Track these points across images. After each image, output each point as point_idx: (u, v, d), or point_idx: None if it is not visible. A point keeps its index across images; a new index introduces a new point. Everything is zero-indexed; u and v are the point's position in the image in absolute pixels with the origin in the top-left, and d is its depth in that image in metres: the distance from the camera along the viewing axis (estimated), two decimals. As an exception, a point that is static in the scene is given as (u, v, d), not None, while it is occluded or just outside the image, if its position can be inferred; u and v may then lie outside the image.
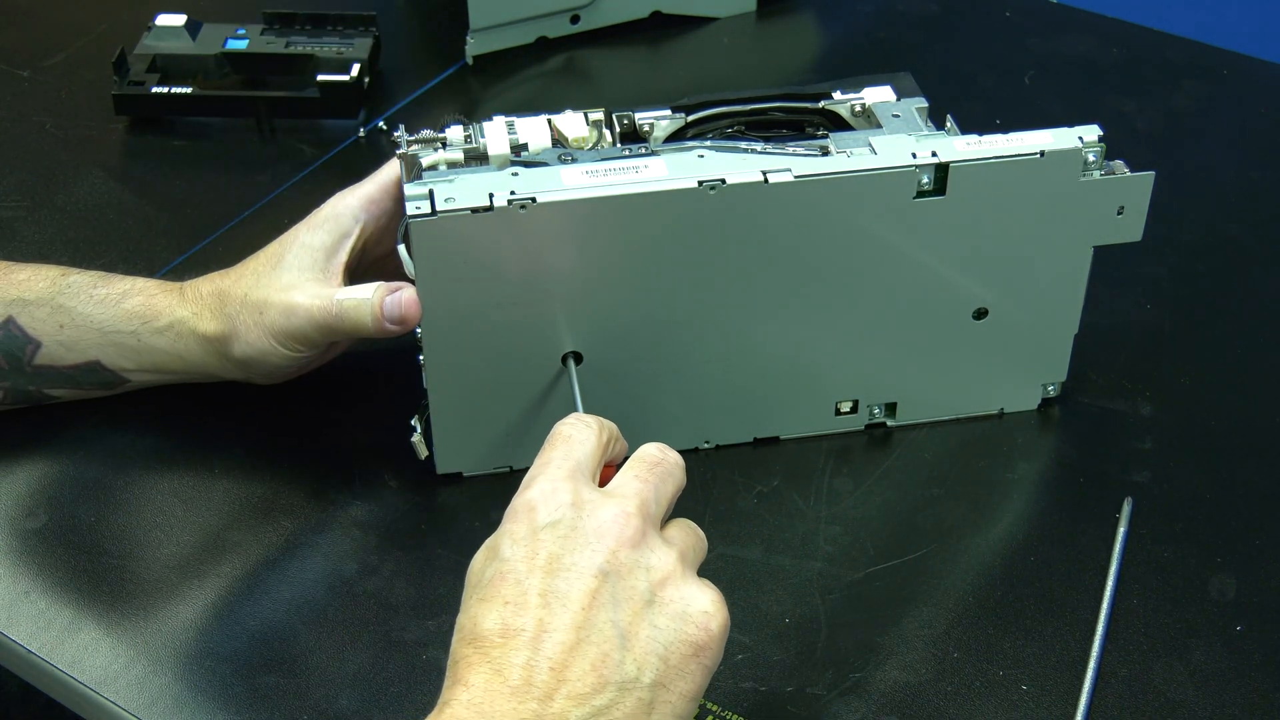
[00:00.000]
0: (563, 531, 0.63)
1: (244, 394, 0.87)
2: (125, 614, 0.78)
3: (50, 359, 0.84)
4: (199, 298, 0.83)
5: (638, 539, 0.64)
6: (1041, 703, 0.73)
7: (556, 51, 1.19)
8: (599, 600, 0.62)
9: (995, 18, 1.22)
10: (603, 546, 0.63)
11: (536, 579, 0.62)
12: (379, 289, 0.78)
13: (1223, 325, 0.94)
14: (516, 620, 0.61)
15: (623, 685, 0.61)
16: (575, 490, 0.65)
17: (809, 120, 0.87)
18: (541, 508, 0.64)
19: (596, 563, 0.62)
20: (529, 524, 0.64)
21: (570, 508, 0.64)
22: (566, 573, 0.62)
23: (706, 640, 0.63)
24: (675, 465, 0.68)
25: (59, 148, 1.10)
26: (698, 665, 0.63)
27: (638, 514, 0.64)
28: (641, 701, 0.61)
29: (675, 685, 0.62)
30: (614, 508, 0.64)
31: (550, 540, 0.63)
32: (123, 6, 1.24)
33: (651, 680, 0.61)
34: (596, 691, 0.60)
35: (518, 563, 0.63)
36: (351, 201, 0.82)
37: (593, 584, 0.62)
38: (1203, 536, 0.81)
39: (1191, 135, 1.10)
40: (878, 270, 0.81)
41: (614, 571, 0.63)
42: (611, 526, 0.63)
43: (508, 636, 0.61)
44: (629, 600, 0.62)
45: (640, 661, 0.61)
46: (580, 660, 0.60)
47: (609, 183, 0.76)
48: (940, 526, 0.82)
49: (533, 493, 0.65)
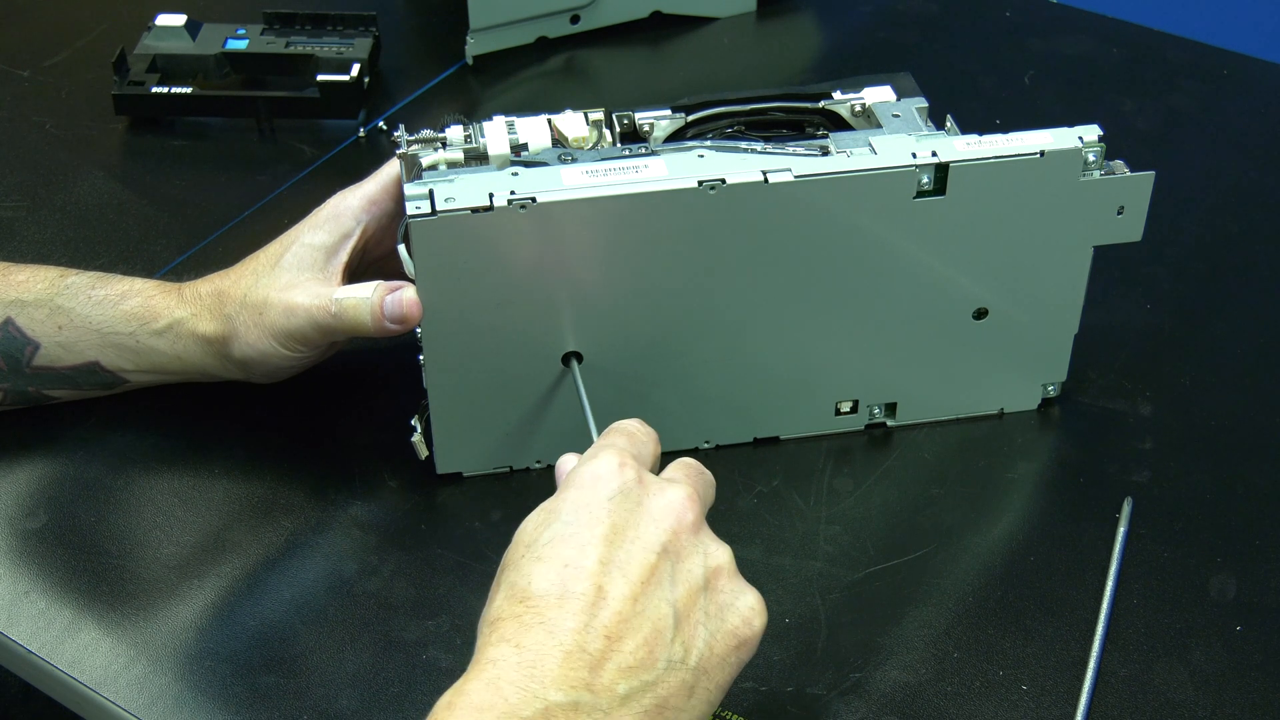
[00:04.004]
0: (629, 505, 0.64)
1: (244, 394, 0.87)
2: (125, 614, 0.78)
3: (49, 360, 0.84)
4: (197, 298, 0.83)
5: (698, 525, 0.65)
6: (1041, 703, 0.73)
7: (556, 51, 1.19)
8: (658, 576, 0.62)
9: (995, 18, 1.22)
10: (666, 525, 0.64)
11: (599, 546, 0.62)
12: (379, 288, 0.78)
13: (1223, 325, 0.94)
14: (575, 584, 0.61)
15: (670, 663, 0.61)
16: (640, 470, 0.66)
17: (809, 120, 0.87)
18: (608, 479, 0.65)
19: (660, 539, 0.63)
20: (594, 493, 0.64)
21: (637, 484, 0.65)
22: (630, 545, 0.63)
23: (749, 636, 0.64)
24: (713, 481, 0.70)
25: (59, 148, 1.10)
26: (735, 659, 0.64)
27: (699, 502, 0.66)
28: (685, 683, 0.62)
29: (714, 674, 0.63)
30: (679, 491, 0.65)
31: (616, 511, 0.64)
32: (123, 6, 1.24)
33: (696, 664, 0.62)
34: (645, 667, 0.61)
35: (580, 528, 0.63)
36: (353, 201, 0.82)
37: (654, 559, 0.63)
38: (1203, 536, 0.81)
39: (1191, 135, 1.10)
40: (878, 270, 0.81)
41: (675, 552, 0.63)
42: (676, 507, 0.64)
43: (564, 599, 0.61)
44: (685, 582, 0.63)
45: (688, 644, 0.62)
46: (634, 633, 0.61)
47: (609, 183, 0.76)
48: (940, 526, 0.82)
49: (598, 464, 0.66)
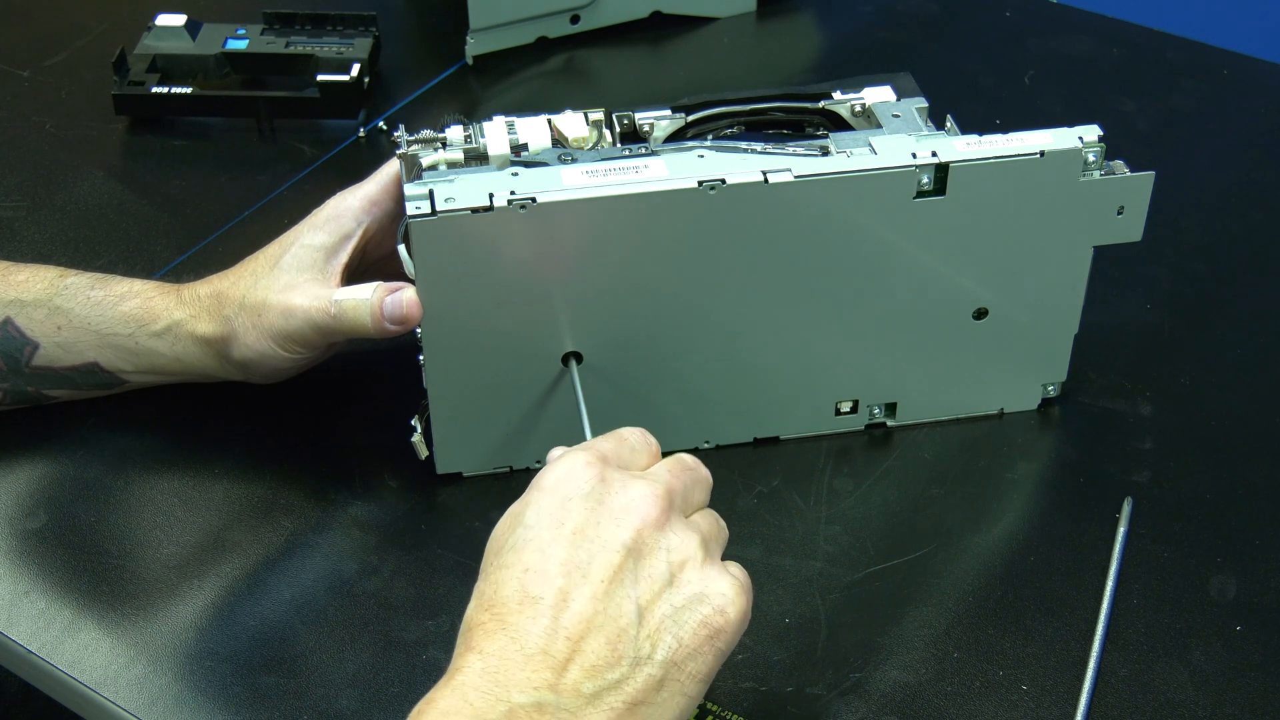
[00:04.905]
0: (591, 505, 0.64)
1: (244, 394, 0.87)
2: (125, 614, 0.78)
3: (48, 360, 0.84)
4: (196, 300, 0.83)
5: (663, 521, 0.64)
6: (1041, 703, 0.73)
7: (556, 51, 1.19)
8: (621, 576, 0.62)
9: (995, 18, 1.22)
10: (629, 524, 0.63)
11: (560, 549, 0.62)
12: (378, 289, 0.78)
13: (1223, 325, 0.94)
14: (537, 588, 0.61)
15: (636, 661, 0.61)
16: (604, 469, 0.65)
17: (809, 120, 0.87)
18: (571, 480, 0.65)
19: (622, 538, 0.63)
20: (556, 494, 0.64)
21: (600, 483, 0.65)
22: (591, 545, 0.63)
23: (723, 624, 0.63)
24: (707, 478, 0.69)
25: (59, 148, 1.10)
26: (711, 648, 0.63)
27: (665, 498, 0.65)
28: (652, 679, 0.61)
29: (687, 666, 0.62)
30: (643, 488, 0.65)
31: (578, 512, 0.64)
32: (123, 6, 1.24)
33: (664, 659, 0.62)
34: (610, 665, 0.61)
35: (542, 530, 0.63)
36: (353, 202, 0.82)
37: (616, 559, 0.62)
38: (1203, 536, 0.81)
39: (1191, 135, 1.10)
40: (878, 270, 0.81)
41: (638, 549, 0.63)
42: (639, 505, 0.64)
43: (526, 604, 0.61)
44: (649, 579, 0.63)
45: (654, 639, 0.62)
46: (597, 633, 0.61)
47: (609, 183, 0.76)
48: (940, 526, 0.82)
49: (562, 466, 0.65)
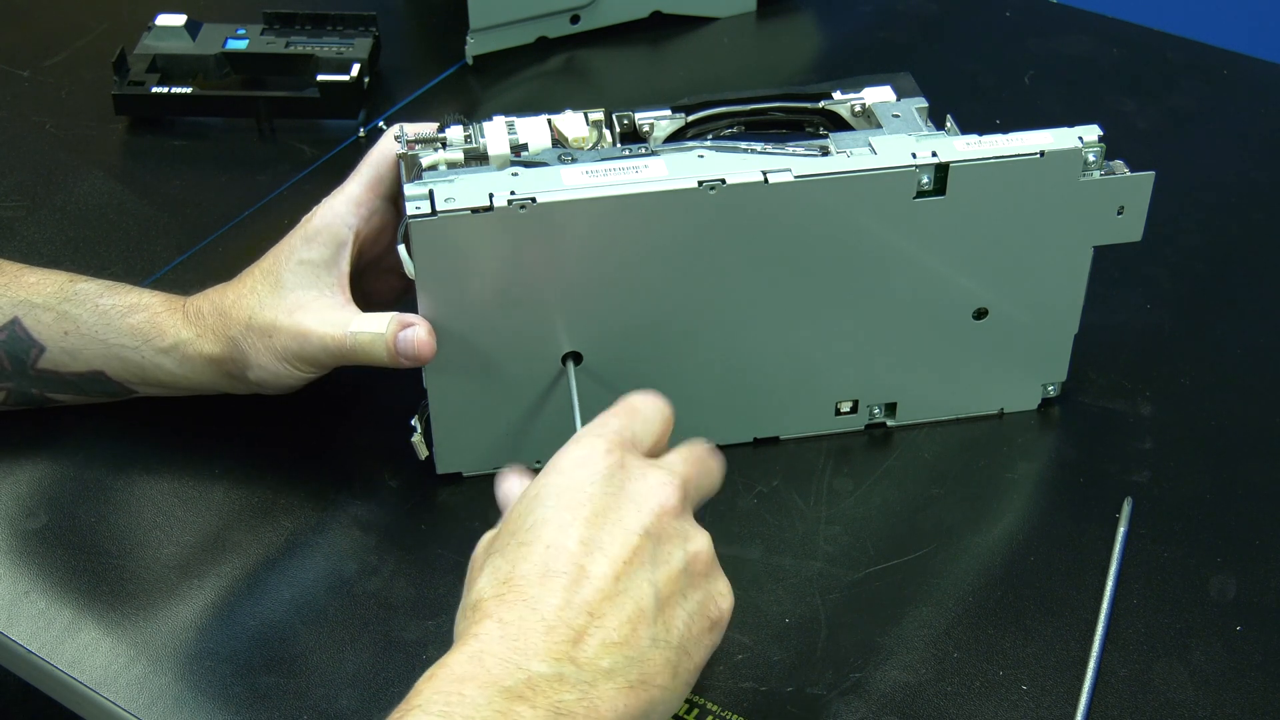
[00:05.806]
0: (611, 489, 0.64)
1: (244, 395, 0.87)
2: (125, 614, 0.78)
3: (54, 364, 0.84)
4: (200, 317, 0.82)
5: (679, 510, 0.65)
6: (1041, 703, 0.73)
7: (556, 51, 1.19)
8: (639, 557, 0.63)
9: (995, 18, 1.22)
10: (648, 508, 0.64)
11: (579, 528, 0.63)
12: (392, 322, 0.78)
13: (1223, 325, 0.94)
14: (556, 564, 0.62)
15: (655, 641, 0.62)
16: (623, 453, 0.66)
17: (809, 120, 0.87)
18: (590, 464, 0.65)
19: (642, 522, 0.64)
20: (575, 477, 0.65)
21: (619, 469, 0.65)
22: (612, 527, 0.63)
23: (718, 617, 0.65)
24: (718, 469, 0.70)
25: (59, 148, 1.10)
26: (709, 640, 0.65)
27: (681, 488, 0.66)
28: (669, 662, 0.62)
29: (693, 654, 0.64)
30: (662, 475, 0.66)
31: (598, 495, 0.64)
32: (123, 6, 1.24)
33: (678, 643, 0.63)
34: (630, 643, 0.61)
35: (562, 511, 0.64)
36: (340, 207, 0.81)
37: (635, 540, 0.63)
38: (1203, 536, 0.81)
39: (1191, 135, 1.10)
40: (878, 270, 0.81)
41: (656, 534, 0.64)
42: (658, 491, 0.65)
43: (546, 578, 0.62)
44: (666, 564, 0.64)
45: (669, 623, 0.63)
46: (617, 610, 0.61)
47: (609, 183, 0.76)
48: (940, 526, 0.82)
49: (581, 449, 0.66)
